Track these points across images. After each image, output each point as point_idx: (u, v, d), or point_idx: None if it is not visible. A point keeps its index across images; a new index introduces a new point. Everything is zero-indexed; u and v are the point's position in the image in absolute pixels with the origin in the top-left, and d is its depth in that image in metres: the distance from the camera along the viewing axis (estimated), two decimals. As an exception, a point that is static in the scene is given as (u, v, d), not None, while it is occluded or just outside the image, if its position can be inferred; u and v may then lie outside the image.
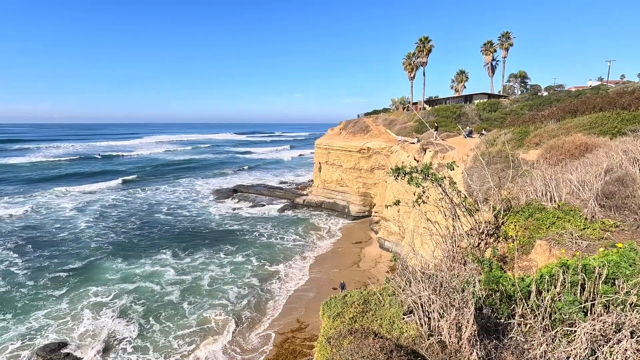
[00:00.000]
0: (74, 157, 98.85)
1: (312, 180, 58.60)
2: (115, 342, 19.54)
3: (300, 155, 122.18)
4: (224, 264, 29.95)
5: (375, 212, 40.99)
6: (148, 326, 21.04)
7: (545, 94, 60.38)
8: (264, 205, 50.05)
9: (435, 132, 36.78)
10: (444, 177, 7.14)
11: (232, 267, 29.32)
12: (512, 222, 7.12)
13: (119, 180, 65.83)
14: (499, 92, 64.28)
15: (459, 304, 3.19)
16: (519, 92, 71.90)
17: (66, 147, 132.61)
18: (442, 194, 7.11)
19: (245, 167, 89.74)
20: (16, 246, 32.84)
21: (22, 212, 43.83)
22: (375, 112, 69.53)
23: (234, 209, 48.24)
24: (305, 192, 54.95)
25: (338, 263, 30.62)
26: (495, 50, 62.58)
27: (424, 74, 60.75)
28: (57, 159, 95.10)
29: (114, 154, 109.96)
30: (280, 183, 67.25)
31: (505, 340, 3.33)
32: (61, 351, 18.33)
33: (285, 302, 24.10)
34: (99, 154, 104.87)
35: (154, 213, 45.48)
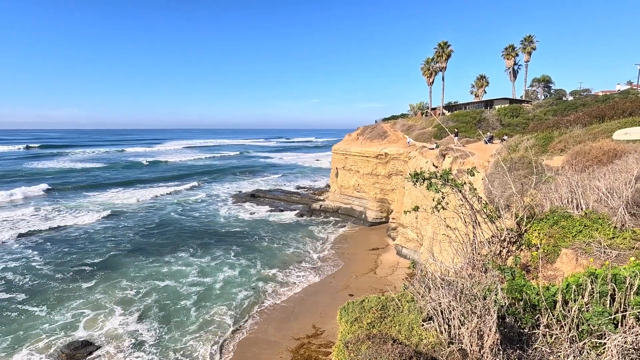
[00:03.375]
0: (121, 163, 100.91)
1: (329, 186, 58.63)
2: (135, 341, 19.95)
3: (317, 160, 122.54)
4: (239, 266, 30.33)
5: (393, 219, 40.53)
6: (167, 325, 21.42)
7: (570, 98, 58.52)
8: (282, 210, 50.36)
9: (455, 137, 36.21)
10: (464, 183, 7.02)
11: (246, 270, 29.60)
12: (535, 230, 6.91)
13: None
14: (521, 97, 62.76)
15: (480, 311, 3.12)
16: (542, 97, 69.94)
17: (100, 152, 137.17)
18: (462, 200, 6.98)
19: (262, 172, 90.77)
20: (38, 243, 34.20)
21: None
22: (393, 117, 69.14)
23: (251, 213, 48.75)
24: (322, 198, 54.98)
25: (354, 269, 30.39)
26: (517, 55, 61.24)
27: (443, 79, 60.12)
28: (111, 164, 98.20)
29: (160, 160, 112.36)
30: (297, 188, 67.56)
31: (530, 351, 3.22)
32: (85, 349, 18.85)
33: (300, 307, 24.06)
34: (146, 160, 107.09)
35: (175, 215, 46.52)
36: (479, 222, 6.85)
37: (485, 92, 70.68)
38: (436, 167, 28.78)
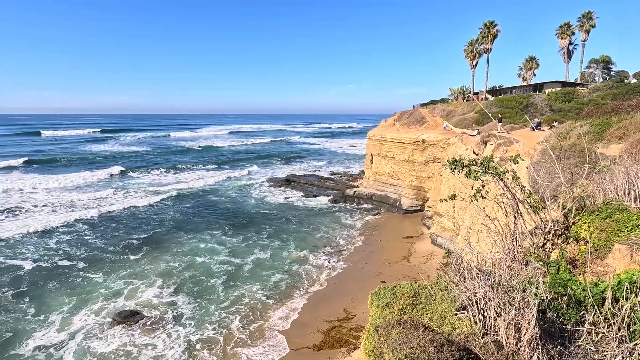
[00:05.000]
0: (169, 149, 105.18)
1: (363, 172, 58.13)
2: (175, 313, 21.45)
3: (352, 146, 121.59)
4: (271, 248, 31.38)
5: (429, 207, 39.55)
6: (201, 300, 22.85)
7: (634, 81, 53.05)
8: (315, 195, 50.81)
9: (499, 123, 34.32)
10: (507, 171, 6.66)
11: (279, 253, 30.48)
12: (585, 223, 6.45)
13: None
14: (576, 79, 57.88)
15: (519, 303, 2.98)
16: (601, 80, 64.00)
17: (147, 136, 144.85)
18: (503, 189, 6.65)
19: (297, 158, 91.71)
20: (91, 221, 37.23)
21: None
22: (433, 102, 66.60)
23: (285, 198, 49.66)
24: (355, 184, 54.72)
25: (387, 257, 30.21)
26: (572, 33, 56.17)
27: (487, 62, 56.75)
28: (166, 149, 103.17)
29: (212, 145, 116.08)
30: (331, 174, 67.65)
31: (572, 348, 3.05)
32: (133, 317, 20.49)
33: (332, 291, 24.44)
34: (199, 146, 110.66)
35: (213, 197, 48.61)
36: (521, 213, 6.51)
37: (535, 75, 65.84)
38: (476, 154, 27.53)
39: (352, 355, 5.21)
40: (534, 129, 29.43)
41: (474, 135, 33.79)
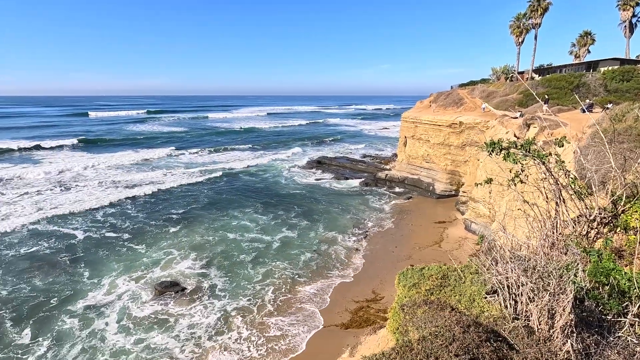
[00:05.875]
0: (210, 130, 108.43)
1: (396, 155, 56.97)
2: (210, 284, 22.80)
3: (385, 128, 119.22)
4: (300, 228, 32.15)
5: (464, 192, 38.27)
6: (233, 274, 24.06)
7: None
8: (347, 178, 50.68)
9: (545, 105, 32.12)
10: (550, 154, 6.27)
11: (307, 233, 31.12)
12: (636, 211, 5.97)
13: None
14: (638, 56, 52.41)
15: (554, 289, 2.86)
16: (667, 57, 57.44)
17: (184, 117, 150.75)
18: (545, 174, 6.29)
19: (329, 139, 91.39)
20: (140, 201, 39.60)
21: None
22: (472, 83, 63.22)
23: (317, 180, 49.97)
24: (388, 167, 53.87)
25: (418, 241, 29.84)
26: (637, 4, 50.47)
27: (535, 38, 52.55)
28: (206, 130, 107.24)
29: (254, 126, 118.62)
30: (363, 156, 66.96)
31: (611, 339, 2.90)
32: (173, 288, 21.91)
33: (361, 272, 24.65)
34: (240, 127, 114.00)
35: (245, 177, 50.01)
36: (563, 199, 6.15)
37: (589, 52, 60.23)
38: (518, 138, 26.04)
39: (378, 333, 5.29)
40: (584, 111, 27.26)
41: (516, 118, 31.89)
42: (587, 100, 32.39)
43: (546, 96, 35.52)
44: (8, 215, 33.74)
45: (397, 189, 45.29)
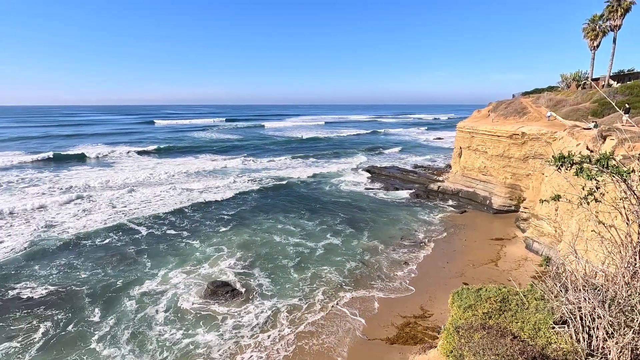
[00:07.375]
0: (268, 139, 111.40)
1: (449, 166, 54.55)
2: (257, 283, 23.94)
3: (439, 138, 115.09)
4: (344, 235, 32.25)
5: (525, 208, 35.44)
6: (279, 274, 24.99)
7: None
8: (397, 188, 49.58)
9: (626, 115, 28.85)
10: (633, 171, 5.60)
11: (351, 241, 31.00)
12: None
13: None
14: None
15: (639, 326, 2.52)
16: None
17: (242, 125, 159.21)
18: (625, 192, 5.62)
19: (380, 149, 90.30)
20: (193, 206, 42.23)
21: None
22: (537, 90, 58.79)
23: (366, 189, 49.50)
24: (440, 179, 51.75)
25: (472, 258, 28.13)
26: None
27: (614, 41, 47.56)
28: (264, 139, 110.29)
29: (319, 136, 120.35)
30: (415, 167, 65.08)
31: None
32: (224, 288, 22.88)
33: (409, 286, 23.79)
34: (302, 136, 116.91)
35: (297, 185, 51.11)
36: (649, 222, 5.43)
37: (682, 55, 53.06)
38: (591, 151, 23.59)
39: (428, 353, 5.05)
40: (675, 122, 23.97)
41: (590, 129, 28.98)
42: (679, 110, 28.45)
43: (627, 105, 31.88)
44: (90, 210, 38.38)
45: (450, 202, 43.28)
